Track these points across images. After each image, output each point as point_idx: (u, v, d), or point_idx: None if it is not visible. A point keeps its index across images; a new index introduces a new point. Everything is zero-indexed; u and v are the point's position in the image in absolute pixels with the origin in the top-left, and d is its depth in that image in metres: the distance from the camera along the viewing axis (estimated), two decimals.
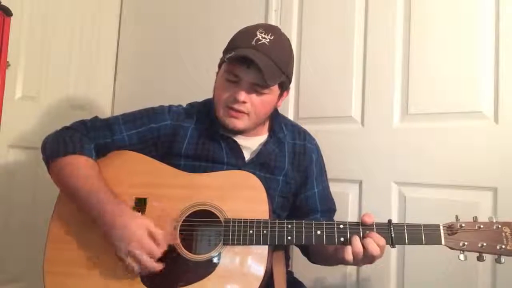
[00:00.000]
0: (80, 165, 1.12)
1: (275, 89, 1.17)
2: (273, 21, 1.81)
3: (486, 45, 1.38)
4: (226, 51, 1.16)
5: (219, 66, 1.20)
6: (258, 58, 1.07)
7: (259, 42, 1.10)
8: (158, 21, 2.20)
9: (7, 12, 1.70)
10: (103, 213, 1.04)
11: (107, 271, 1.07)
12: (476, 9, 1.41)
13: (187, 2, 2.11)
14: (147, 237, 1.02)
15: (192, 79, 1.98)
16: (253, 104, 1.14)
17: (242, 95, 1.12)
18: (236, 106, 1.13)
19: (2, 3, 1.68)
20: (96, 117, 1.25)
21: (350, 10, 1.65)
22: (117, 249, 1.02)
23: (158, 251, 1.02)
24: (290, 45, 1.20)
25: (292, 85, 1.74)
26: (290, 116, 1.73)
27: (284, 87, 1.20)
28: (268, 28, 1.14)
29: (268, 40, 1.11)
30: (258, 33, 1.12)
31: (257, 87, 1.13)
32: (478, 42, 1.40)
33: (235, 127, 1.16)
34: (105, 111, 2.23)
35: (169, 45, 2.14)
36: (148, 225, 1.04)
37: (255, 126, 1.20)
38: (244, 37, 1.14)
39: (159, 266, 1.03)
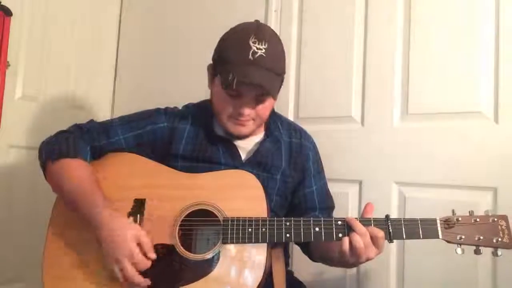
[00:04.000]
0: (73, 169, 1.12)
1: None
2: (273, 21, 1.81)
3: (486, 45, 1.38)
4: (221, 64, 1.13)
5: (212, 74, 1.19)
6: (262, 77, 1.06)
7: (256, 56, 1.06)
8: (158, 21, 2.20)
9: (7, 12, 1.70)
10: (94, 218, 1.04)
11: (106, 274, 1.06)
12: (476, 9, 1.41)
13: (187, 2, 2.12)
14: (135, 248, 1.01)
15: (192, 79, 1.97)
16: (257, 112, 1.15)
17: (246, 110, 1.12)
18: (241, 118, 1.14)
19: (2, 3, 1.69)
20: (92, 120, 1.26)
21: (350, 10, 1.65)
22: (105, 255, 1.02)
23: (145, 265, 1.01)
24: (281, 43, 1.16)
25: (292, 85, 1.76)
26: (290, 116, 1.73)
27: (280, 87, 1.19)
28: (259, 35, 1.08)
29: (263, 50, 1.07)
30: (251, 43, 1.07)
31: (260, 97, 1.13)
32: (478, 42, 1.40)
33: (241, 134, 1.18)
34: (105, 111, 2.23)
35: (169, 45, 2.14)
36: (137, 235, 1.02)
37: (258, 127, 1.21)
38: (238, 50, 1.09)
39: (144, 281, 1.01)
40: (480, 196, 1.34)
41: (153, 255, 1.03)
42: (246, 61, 1.07)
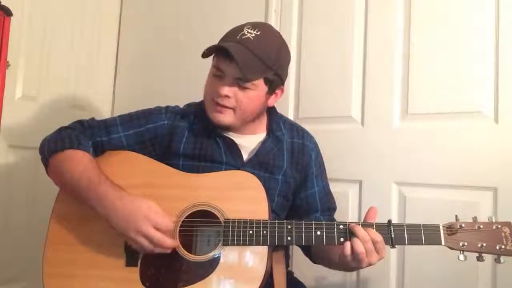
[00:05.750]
0: (77, 159, 1.12)
1: (260, 85, 1.14)
2: (273, 21, 1.80)
3: (486, 45, 1.38)
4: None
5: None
6: (237, 51, 1.07)
7: (244, 37, 1.10)
8: (158, 22, 2.20)
9: (7, 12, 1.70)
10: (104, 200, 1.04)
11: (107, 272, 1.06)
12: (476, 9, 1.41)
13: (186, 2, 2.11)
14: (153, 213, 1.02)
15: (192, 79, 1.97)
16: (237, 99, 1.13)
17: (224, 89, 1.11)
18: (219, 101, 1.13)
19: (2, 3, 1.68)
20: (93, 118, 1.25)
21: (350, 10, 1.65)
22: (124, 230, 1.02)
23: (166, 226, 1.02)
24: (280, 42, 1.17)
25: (292, 85, 1.76)
26: (290, 116, 1.73)
27: (273, 85, 1.17)
28: (256, 25, 1.14)
29: (253, 35, 1.10)
30: (245, 29, 1.12)
31: (240, 81, 1.12)
32: (478, 42, 1.39)
33: (220, 122, 1.16)
34: (105, 111, 2.23)
35: (169, 45, 2.14)
36: (150, 204, 1.04)
37: (242, 122, 1.19)
38: (231, 32, 1.14)
39: (172, 242, 1.03)
40: (480, 196, 1.34)
41: (171, 217, 1.05)
42: (232, 40, 1.11)
